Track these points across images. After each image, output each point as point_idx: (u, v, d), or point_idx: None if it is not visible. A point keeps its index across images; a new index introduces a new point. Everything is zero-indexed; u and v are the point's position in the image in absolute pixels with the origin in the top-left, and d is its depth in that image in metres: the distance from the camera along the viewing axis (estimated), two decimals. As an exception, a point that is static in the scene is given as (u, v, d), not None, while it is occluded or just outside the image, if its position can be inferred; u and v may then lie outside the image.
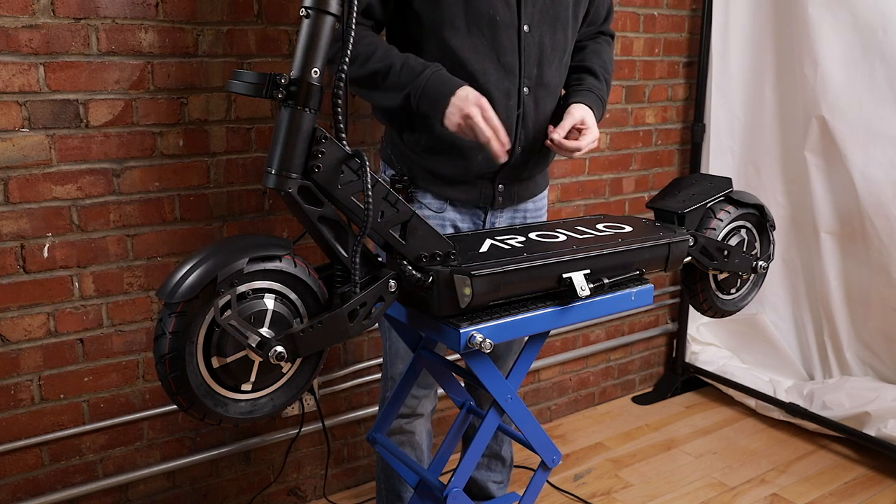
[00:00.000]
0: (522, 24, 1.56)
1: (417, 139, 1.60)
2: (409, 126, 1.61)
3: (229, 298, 1.09)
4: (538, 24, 1.57)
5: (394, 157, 1.68)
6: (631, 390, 3.04)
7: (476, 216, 1.70)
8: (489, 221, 1.71)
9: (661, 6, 2.68)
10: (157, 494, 1.98)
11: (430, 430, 1.87)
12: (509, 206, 1.72)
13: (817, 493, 2.32)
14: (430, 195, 1.66)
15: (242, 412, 1.16)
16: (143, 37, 1.73)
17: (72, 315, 1.77)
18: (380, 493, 1.88)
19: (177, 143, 1.82)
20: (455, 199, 1.66)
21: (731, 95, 2.78)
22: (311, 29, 1.12)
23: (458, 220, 1.69)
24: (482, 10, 1.51)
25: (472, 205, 1.68)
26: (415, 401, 1.77)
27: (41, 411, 1.78)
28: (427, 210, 1.66)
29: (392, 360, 1.76)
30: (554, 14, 1.59)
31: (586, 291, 1.33)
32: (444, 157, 1.60)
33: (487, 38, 1.53)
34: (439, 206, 1.67)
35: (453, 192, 1.65)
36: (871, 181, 2.44)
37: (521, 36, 1.56)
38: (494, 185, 1.66)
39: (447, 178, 1.63)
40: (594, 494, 2.31)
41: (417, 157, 1.63)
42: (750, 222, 1.71)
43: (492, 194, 1.67)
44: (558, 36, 1.61)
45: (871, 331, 2.59)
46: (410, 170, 1.66)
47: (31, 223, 1.68)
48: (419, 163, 1.63)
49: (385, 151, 1.73)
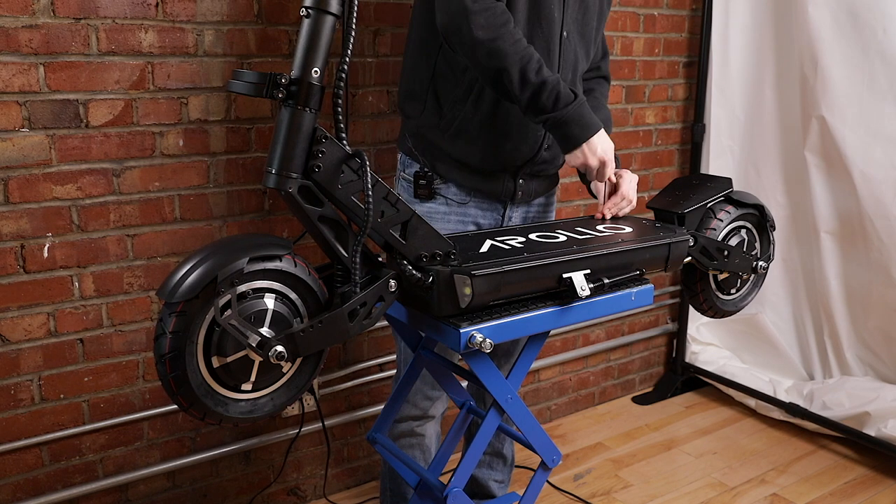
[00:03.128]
0: (563, 30, 1.60)
1: (448, 123, 1.62)
2: (438, 111, 1.63)
3: (229, 298, 1.09)
4: (573, 34, 1.63)
5: (417, 149, 1.68)
6: (631, 390, 3.04)
7: (496, 210, 1.72)
8: (507, 216, 1.74)
9: (661, 6, 2.68)
10: (157, 494, 1.98)
11: (439, 433, 1.86)
12: (526, 201, 1.75)
13: (817, 493, 2.32)
14: (454, 187, 1.67)
15: (242, 412, 1.16)
16: (143, 37, 1.73)
17: (72, 315, 1.77)
18: (384, 492, 1.87)
19: (177, 143, 1.82)
20: (478, 191, 1.68)
21: (731, 95, 2.78)
22: (311, 29, 1.12)
23: (480, 217, 1.71)
24: (545, 3, 1.55)
25: (493, 198, 1.70)
26: (427, 402, 1.77)
27: (41, 411, 1.78)
28: (451, 204, 1.68)
29: (405, 363, 1.75)
30: (583, 31, 1.66)
31: (586, 291, 1.33)
32: (473, 142, 1.62)
33: (543, 34, 1.57)
34: (462, 199, 1.68)
35: (478, 182, 1.67)
36: (871, 181, 2.44)
37: (562, 40, 1.60)
38: (516, 179, 1.69)
39: (473, 168, 1.65)
40: (594, 494, 2.31)
41: (446, 144, 1.63)
42: (750, 222, 1.71)
43: (513, 188, 1.70)
44: (583, 52, 1.68)
45: (871, 331, 2.59)
46: (434, 161, 1.66)
47: (31, 223, 1.68)
48: (447, 151, 1.64)
49: (406, 144, 1.72)
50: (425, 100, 1.64)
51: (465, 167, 1.65)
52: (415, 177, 1.67)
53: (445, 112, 1.62)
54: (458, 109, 1.60)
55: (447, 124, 1.62)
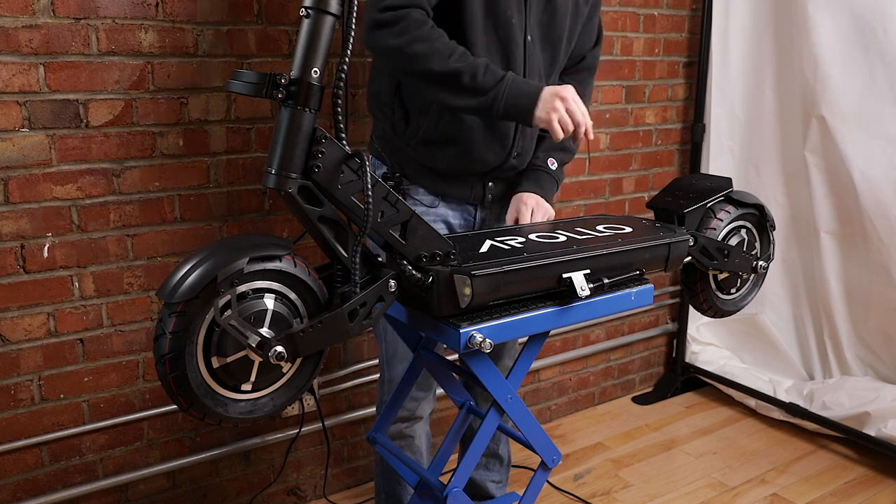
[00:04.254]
0: (527, 35, 1.58)
1: (414, 131, 1.62)
2: (405, 118, 1.62)
3: (229, 298, 1.09)
4: (537, 39, 1.61)
5: (385, 152, 1.70)
6: (631, 390, 3.04)
7: (467, 212, 1.73)
8: (479, 217, 1.74)
9: (661, 6, 2.68)
10: (157, 494, 1.98)
11: (428, 433, 1.87)
12: (499, 203, 1.75)
13: (817, 493, 2.32)
14: (422, 190, 1.68)
15: (242, 412, 1.16)
16: (143, 37, 1.73)
17: (72, 315, 1.77)
18: (378, 495, 1.88)
19: (177, 143, 1.82)
20: (447, 194, 1.69)
21: (731, 95, 2.78)
22: (311, 29, 1.12)
23: (450, 216, 1.71)
24: (501, 9, 1.53)
25: (463, 200, 1.70)
26: (414, 403, 1.77)
27: (41, 411, 1.78)
28: (420, 206, 1.68)
29: (390, 363, 1.76)
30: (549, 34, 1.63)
31: (586, 291, 1.33)
32: (439, 150, 1.62)
33: (501, 41, 1.56)
34: (431, 201, 1.69)
35: (445, 187, 1.67)
36: (871, 181, 2.44)
37: (525, 45, 1.59)
38: (485, 183, 1.69)
39: (440, 173, 1.66)
40: (594, 494, 2.31)
41: (412, 151, 1.64)
42: (750, 222, 1.71)
43: (482, 192, 1.70)
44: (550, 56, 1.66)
45: (871, 331, 2.59)
46: (402, 165, 1.67)
47: (31, 223, 1.68)
48: (413, 156, 1.65)
49: (374, 147, 1.74)
50: (392, 106, 1.64)
51: (431, 172, 1.66)
52: (383, 178, 1.68)
53: (412, 120, 1.62)
54: (422, 119, 1.60)
55: (413, 132, 1.62)
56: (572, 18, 1.67)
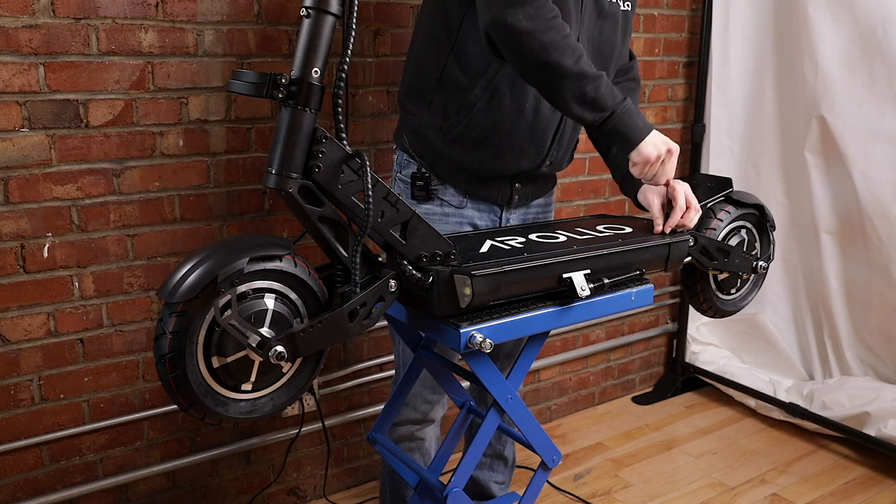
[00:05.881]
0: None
1: (451, 127, 1.59)
2: (443, 113, 1.60)
3: (229, 298, 1.09)
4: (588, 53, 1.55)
5: (414, 148, 1.66)
6: (631, 390, 3.04)
7: (493, 213, 1.71)
8: (504, 219, 1.73)
9: (661, 6, 2.68)
10: (157, 494, 1.98)
11: (438, 436, 1.86)
12: (524, 204, 1.75)
13: (817, 493, 2.32)
14: (451, 190, 1.66)
15: (242, 412, 1.16)
16: (143, 37, 1.73)
17: (72, 315, 1.77)
18: (384, 494, 1.87)
19: (177, 143, 1.82)
20: (475, 195, 1.67)
21: (731, 95, 2.78)
22: (311, 29, 1.12)
23: (477, 218, 1.69)
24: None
25: (490, 201, 1.69)
26: (427, 406, 1.76)
27: (41, 411, 1.78)
28: (448, 207, 1.66)
29: (404, 366, 1.75)
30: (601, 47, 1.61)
31: (586, 291, 1.33)
32: (473, 149, 1.60)
33: None
34: (459, 202, 1.67)
35: (473, 187, 1.66)
36: (871, 181, 2.44)
37: None
38: (513, 184, 1.68)
39: (470, 172, 1.64)
40: (594, 494, 2.31)
41: (445, 148, 1.61)
42: (750, 222, 1.71)
43: (510, 192, 1.69)
44: (604, 70, 1.60)
45: (871, 331, 2.59)
46: (433, 162, 1.64)
47: (31, 223, 1.68)
48: (446, 153, 1.62)
49: (403, 143, 1.69)
50: (430, 100, 1.61)
51: (462, 171, 1.64)
52: (412, 178, 1.66)
53: (449, 116, 1.59)
54: (462, 116, 1.58)
55: (449, 128, 1.59)
56: (622, 34, 1.65)
